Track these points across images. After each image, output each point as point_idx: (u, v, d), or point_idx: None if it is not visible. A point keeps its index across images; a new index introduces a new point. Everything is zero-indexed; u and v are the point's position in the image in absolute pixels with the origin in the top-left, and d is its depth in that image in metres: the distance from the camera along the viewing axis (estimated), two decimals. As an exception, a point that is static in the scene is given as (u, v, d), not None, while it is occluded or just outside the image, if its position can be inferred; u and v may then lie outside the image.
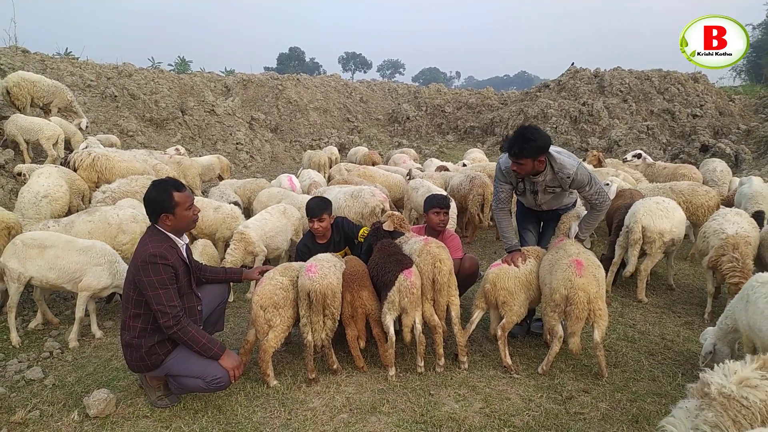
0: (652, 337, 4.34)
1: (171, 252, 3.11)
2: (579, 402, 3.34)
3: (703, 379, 2.24)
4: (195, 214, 3.30)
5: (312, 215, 4.45)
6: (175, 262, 3.10)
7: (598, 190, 3.89)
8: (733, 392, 2.09)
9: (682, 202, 5.78)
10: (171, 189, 3.17)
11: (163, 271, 3.02)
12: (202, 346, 3.12)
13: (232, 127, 16.39)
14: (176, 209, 3.15)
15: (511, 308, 3.78)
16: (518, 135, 3.72)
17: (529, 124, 3.99)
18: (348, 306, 3.70)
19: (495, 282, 3.82)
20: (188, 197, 3.24)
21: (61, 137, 8.01)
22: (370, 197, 5.94)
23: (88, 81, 14.24)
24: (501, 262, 3.98)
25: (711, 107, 17.71)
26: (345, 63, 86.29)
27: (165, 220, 3.17)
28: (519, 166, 3.80)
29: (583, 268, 3.56)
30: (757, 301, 3.17)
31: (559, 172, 3.84)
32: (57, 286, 4.13)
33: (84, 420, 3.15)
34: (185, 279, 3.23)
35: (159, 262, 3.01)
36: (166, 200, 3.13)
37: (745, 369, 2.20)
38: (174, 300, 3.04)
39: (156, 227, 3.20)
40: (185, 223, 3.24)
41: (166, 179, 3.32)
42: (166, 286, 3.01)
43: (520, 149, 3.69)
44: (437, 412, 3.19)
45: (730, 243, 4.40)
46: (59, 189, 5.61)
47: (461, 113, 22.34)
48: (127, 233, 4.91)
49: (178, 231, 3.25)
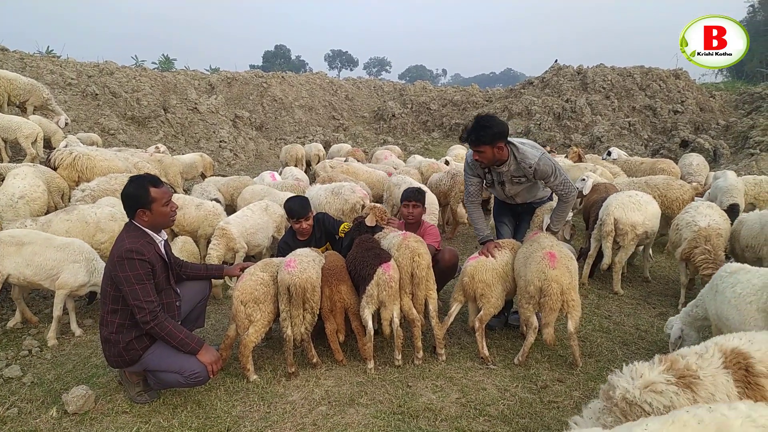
0: (626, 327, 4.44)
1: (148, 248, 3.12)
2: (553, 391, 3.42)
3: (611, 382, 2.18)
4: (172, 210, 3.31)
5: (297, 216, 4.46)
6: (151, 258, 3.11)
7: (563, 180, 3.98)
8: (635, 398, 2.03)
9: (657, 195, 5.90)
10: (148, 185, 3.17)
11: (140, 266, 3.03)
12: (179, 341, 3.13)
13: (215, 125, 16.30)
14: (153, 205, 3.16)
15: (488, 300, 3.84)
16: (474, 124, 3.85)
17: (486, 113, 4.10)
18: (327, 300, 3.74)
19: (473, 275, 3.88)
20: (165, 193, 3.24)
21: (40, 136, 7.92)
22: (350, 194, 6.00)
23: (68, 79, 14.06)
24: (478, 255, 4.05)
25: (692, 103, 18.00)
26: (331, 61, 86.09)
27: (142, 216, 3.17)
28: (480, 154, 3.91)
29: (556, 260, 3.64)
30: (725, 291, 3.26)
31: (522, 161, 3.94)
32: (34, 284, 4.11)
33: (63, 416, 3.15)
34: (163, 275, 3.23)
35: (135, 258, 3.02)
36: (142, 196, 3.14)
37: (652, 372, 2.12)
38: (151, 295, 3.05)
39: (133, 223, 3.21)
40: (162, 219, 3.24)
41: (143, 175, 3.33)
42: (142, 282, 3.03)
43: (477, 137, 3.82)
44: (414, 402, 3.25)
45: (703, 235, 4.52)
46: (36, 189, 5.55)
47: (446, 110, 22.42)
48: (106, 232, 4.89)
49: (155, 227, 3.25)
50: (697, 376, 2.06)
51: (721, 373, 2.08)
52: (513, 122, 18.90)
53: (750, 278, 3.17)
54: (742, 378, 2.08)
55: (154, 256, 3.15)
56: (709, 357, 2.15)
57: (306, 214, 4.44)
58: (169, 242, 3.55)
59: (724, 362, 2.12)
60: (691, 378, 2.05)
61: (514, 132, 18.51)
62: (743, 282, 3.17)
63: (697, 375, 2.06)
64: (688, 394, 2.01)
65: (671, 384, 2.04)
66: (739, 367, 2.10)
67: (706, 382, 2.04)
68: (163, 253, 3.28)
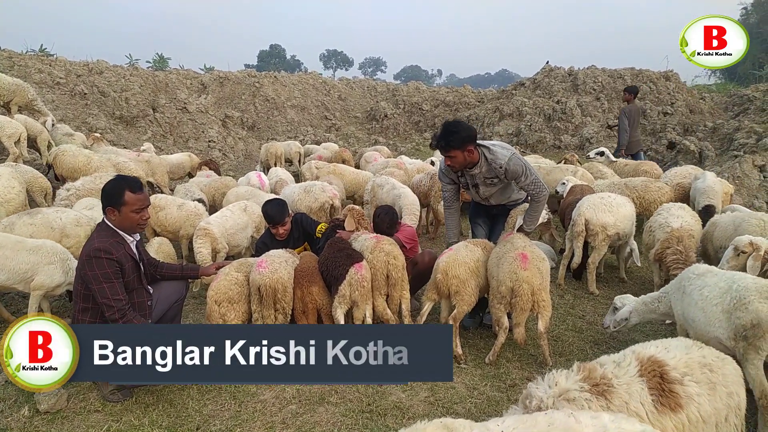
0: (599, 327, 4.49)
1: (117, 247, 3.16)
2: (521, 389, 3.44)
3: (529, 390, 2.23)
4: (142, 219, 3.30)
5: (274, 222, 4.49)
6: (120, 257, 3.15)
7: (533, 180, 4.05)
8: (548, 407, 2.06)
9: (636, 197, 5.97)
10: (125, 187, 3.21)
11: (108, 265, 3.08)
12: None
13: (204, 124, 16.29)
14: (123, 207, 3.19)
15: (462, 298, 3.87)
16: (443, 130, 3.95)
17: (454, 119, 4.20)
18: (299, 301, 3.79)
19: (446, 271, 3.90)
20: (140, 200, 3.24)
21: (23, 135, 7.88)
22: (320, 192, 6.13)
23: (57, 78, 14.02)
24: (450, 249, 4.08)
25: (681, 105, 18.11)
26: (326, 60, 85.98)
27: (110, 214, 3.22)
28: (451, 159, 3.99)
29: (528, 262, 3.70)
30: (692, 293, 3.31)
31: (492, 162, 4.01)
32: (7, 288, 4.10)
33: (34, 415, 3.17)
34: (133, 275, 3.28)
35: (103, 257, 3.08)
36: (116, 195, 3.19)
37: (567, 380, 2.16)
38: (119, 294, 3.10)
39: (105, 222, 3.26)
40: (128, 224, 3.26)
41: (129, 177, 3.38)
42: (110, 280, 3.08)
43: (446, 142, 3.90)
44: (383, 401, 3.29)
45: (675, 236, 4.59)
46: (11, 190, 5.51)
47: (438, 111, 22.47)
48: (71, 237, 4.81)
49: (123, 229, 3.28)
50: (612, 384, 2.13)
51: (636, 381, 2.15)
52: (504, 123, 18.99)
53: (717, 281, 3.23)
54: (656, 385, 2.14)
55: (124, 256, 3.20)
56: (626, 365, 2.23)
57: (282, 220, 4.48)
58: (142, 242, 3.59)
59: (640, 370, 2.19)
60: (605, 386, 2.11)
61: (505, 133, 18.60)
62: (710, 285, 3.23)
63: (611, 383, 2.13)
64: (601, 401, 2.07)
65: (585, 392, 2.09)
66: (654, 375, 2.17)
67: (620, 390, 2.10)
68: (134, 252, 3.32)
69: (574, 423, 1.67)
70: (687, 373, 2.20)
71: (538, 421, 1.72)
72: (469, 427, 1.76)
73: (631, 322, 3.77)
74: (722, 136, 14.12)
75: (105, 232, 3.22)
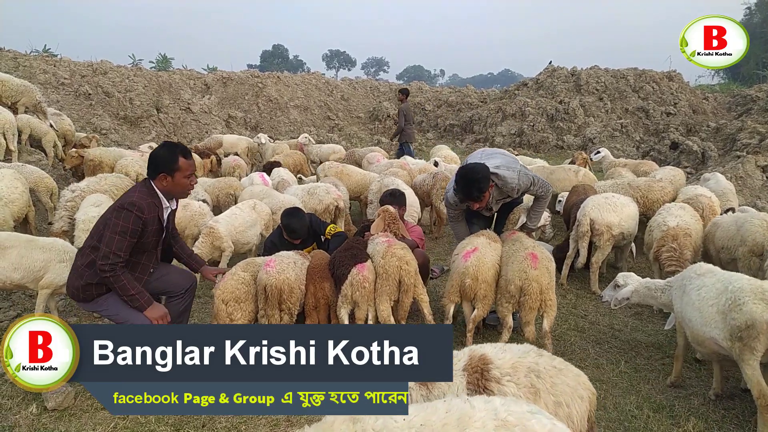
0: (601, 327, 4.53)
1: (151, 209, 3.26)
2: (523, 388, 3.49)
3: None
4: (191, 184, 3.44)
5: (292, 237, 4.51)
6: (149, 219, 3.24)
7: (541, 184, 4.14)
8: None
9: (639, 197, 6.00)
10: (179, 153, 3.32)
11: (133, 222, 3.16)
12: (130, 296, 3.23)
13: (208, 125, 16.36)
14: (176, 173, 3.29)
15: (487, 301, 3.85)
16: (467, 181, 3.86)
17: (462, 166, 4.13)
18: (311, 297, 3.84)
19: (476, 275, 3.79)
20: (191, 166, 3.38)
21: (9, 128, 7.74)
22: (325, 194, 6.15)
23: (61, 79, 14.11)
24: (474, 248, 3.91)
25: (684, 105, 18.11)
26: (329, 61, 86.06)
27: (162, 180, 3.31)
28: (481, 201, 3.95)
29: (538, 261, 3.74)
30: (691, 293, 3.33)
31: (504, 187, 4.05)
32: (20, 286, 4.14)
33: (42, 413, 3.22)
34: (153, 238, 3.37)
35: (134, 212, 3.16)
36: (170, 161, 3.28)
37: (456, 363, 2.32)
38: (123, 251, 3.16)
39: (150, 182, 3.35)
40: (179, 189, 3.39)
41: (177, 143, 3.49)
42: (125, 236, 3.15)
43: (479, 190, 3.85)
44: (387, 399, 3.32)
45: (671, 234, 4.63)
46: (14, 190, 5.56)
47: (441, 111, 22.50)
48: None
49: (169, 194, 3.39)
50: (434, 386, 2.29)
51: (458, 375, 2.29)
52: (507, 123, 19.00)
53: (714, 282, 3.24)
54: (474, 381, 2.27)
55: (153, 219, 3.29)
56: (457, 360, 2.36)
57: (302, 237, 4.53)
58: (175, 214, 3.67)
59: (466, 366, 2.32)
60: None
61: (508, 133, 18.61)
62: (708, 286, 3.25)
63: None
64: (423, 390, 2.32)
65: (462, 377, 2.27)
66: (476, 371, 2.28)
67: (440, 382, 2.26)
68: (164, 219, 3.42)
69: (469, 408, 1.78)
70: (509, 374, 2.26)
71: (437, 408, 1.83)
72: (374, 419, 1.86)
73: (631, 301, 3.86)
74: (725, 137, 14.10)
75: (147, 191, 3.31)
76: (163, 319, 3.33)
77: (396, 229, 4.38)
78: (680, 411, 3.28)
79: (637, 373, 3.78)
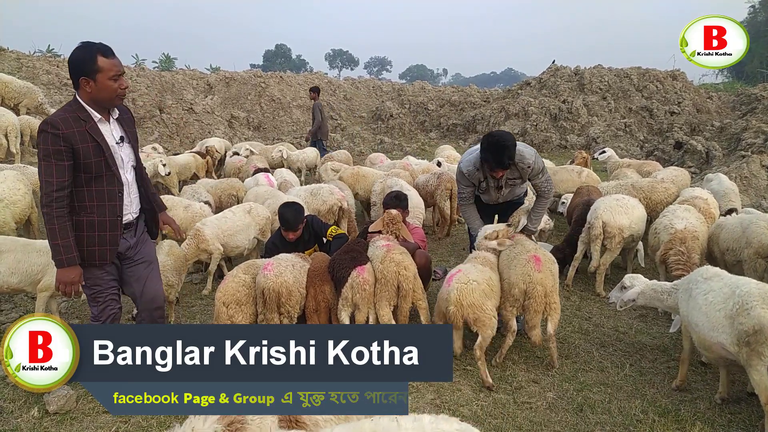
0: (605, 329, 4.50)
1: (70, 123, 2.80)
2: (527, 392, 3.48)
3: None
4: (121, 87, 2.91)
5: (286, 228, 4.46)
6: (71, 135, 2.78)
7: (547, 178, 4.15)
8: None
9: (642, 198, 5.96)
10: (96, 52, 2.81)
11: (52, 141, 2.75)
12: (54, 245, 2.85)
13: (210, 125, 16.37)
14: (97, 75, 2.80)
15: (484, 323, 3.57)
16: (499, 147, 3.77)
17: (489, 134, 3.96)
18: (312, 300, 3.82)
19: (459, 300, 3.55)
20: (115, 66, 2.86)
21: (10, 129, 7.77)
22: (328, 195, 6.13)
23: (64, 80, 14.12)
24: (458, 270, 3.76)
25: (689, 104, 18.02)
26: (332, 60, 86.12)
27: (84, 86, 2.83)
28: (506, 170, 3.90)
29: (541, 264, 3.72)
30: (697, 297, 3.29)
31: (520, 162, 3.99)
32: (18, 290, 4.13)
33: (44, 416, 3.21)
34: (98, 158, 2.88)
35: (49, 131, 2.76)
36: (87, 62, 2.80)
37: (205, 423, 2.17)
38: (52, 177, 2.77)
39: (76, 98, 2.91)
40: (106, 95, 2.87)
41: (95, 42, 2.90)
42: (48, 159, 2.76)
43: (509, 157, 3.80)
44: (389, 403, 3.30)
45: (678, 237, 4.59)
46: (16, 192, 5.56)
47: (444, 111, 22.45)
48: None
49: (98, 102, 2.90)
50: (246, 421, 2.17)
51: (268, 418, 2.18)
52: (510, 123, 18.94)
53: (722, 286, 3.21)
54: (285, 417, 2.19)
55: (80, 134, 2.81)
56: None
57: (295, 227, 4.44)
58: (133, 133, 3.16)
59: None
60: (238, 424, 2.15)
61: (512, 133, 18.57)
62: (715, 290, 3.21)
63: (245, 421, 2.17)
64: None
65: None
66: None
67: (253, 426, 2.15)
68: (101, 133, 2.91)
69: (396, 427, 1.75)
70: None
71: (363, 427, 1.80)
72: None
73: (637, 303, 3.83)
74: (729, 136, 14.03)
75: (68, 106, 2.89)
76: (69, 287, 2.90)
77: (396, 230, 4.36)
78: (686, 415, 3.25)
79: (642, 376, 3.74)
